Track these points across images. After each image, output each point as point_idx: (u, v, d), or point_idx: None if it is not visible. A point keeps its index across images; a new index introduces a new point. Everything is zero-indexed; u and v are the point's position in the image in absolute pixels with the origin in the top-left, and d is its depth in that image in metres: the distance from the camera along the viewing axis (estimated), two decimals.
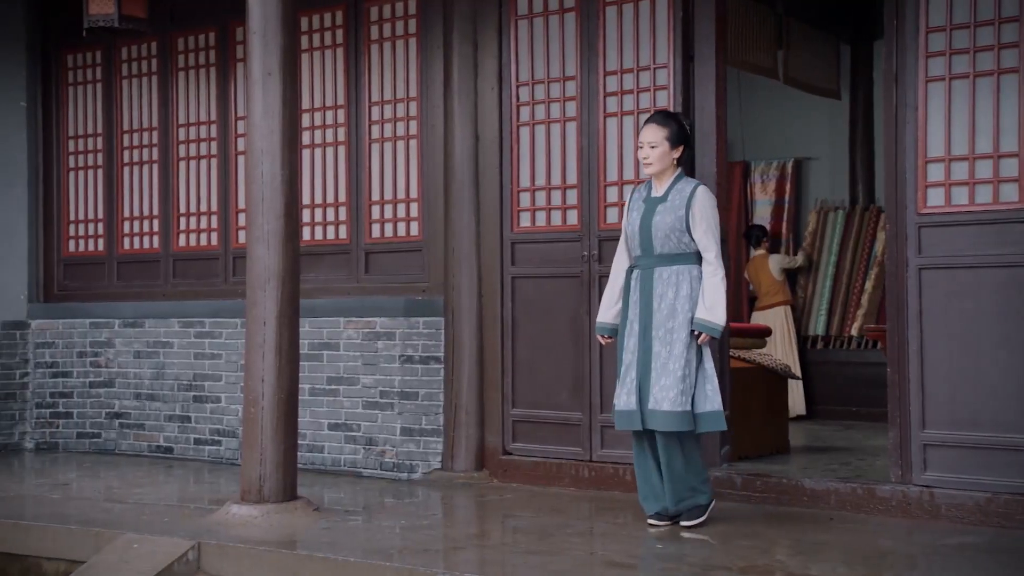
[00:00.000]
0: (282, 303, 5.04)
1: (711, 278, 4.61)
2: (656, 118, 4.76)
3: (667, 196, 4.68)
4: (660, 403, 4.55)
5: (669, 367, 4.57)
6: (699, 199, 4.64)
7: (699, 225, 4.62)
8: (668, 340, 4.60)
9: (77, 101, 7.63)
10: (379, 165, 6.50)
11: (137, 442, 7.16)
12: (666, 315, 4.61)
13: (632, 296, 4.72)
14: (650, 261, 4.68)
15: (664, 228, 4.63)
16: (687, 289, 4.62)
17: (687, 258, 4.65)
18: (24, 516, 5.17)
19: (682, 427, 4.55)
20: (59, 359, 7.43)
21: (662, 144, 4.68)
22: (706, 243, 4.62)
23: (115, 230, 7.49)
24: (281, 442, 5.03)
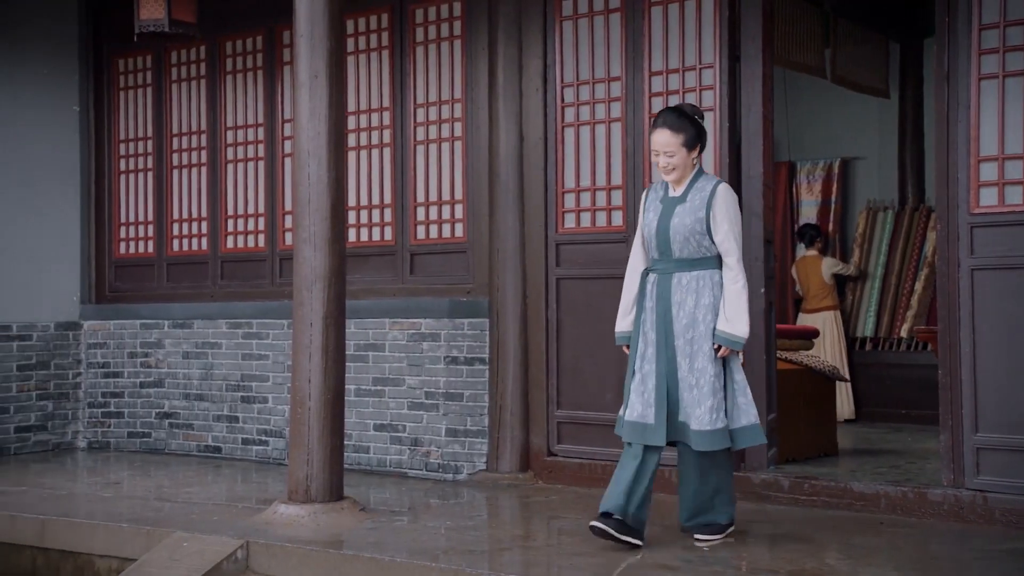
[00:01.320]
0: (328, 304, 5.08)
1: (732, 285, 4.32)
2: (668, 122, 4.39)
3: (686, 196, 4.39)
4: (689, 419, 4.32)
5: (691, 381, 4.32)
6: (720, 199, 4.34)
7: (720, 227, 4.33)
8: (688, 352, 4.32)
9: (128, 105, 7.74)
10: (424, 167, 6.53)
11: (186, 442, 7.25)
12: (686, 325, 4.34)
13: (648, 302, 4.42)
14: (669, 265, 4.40)
15: (683, 231, 4.34)
16: (708, 297, 4.34)
17: (708, 263, 4.37)
18: (77, 514, 5.25)
19: (718, 445, 4.30)
20: (110, 359, 7.54)
21: (679, 151, 4.37)
22: (727, 246, 4.33)
23: (164, 232, 7.59)
24: (328, 442, 5.06)
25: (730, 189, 4.42)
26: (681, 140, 4.36)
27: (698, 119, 4.44)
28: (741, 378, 4.39)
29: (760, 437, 4.40)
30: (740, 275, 4.34)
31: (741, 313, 4.30)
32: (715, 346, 4.31)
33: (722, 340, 4.30)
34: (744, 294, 4.33)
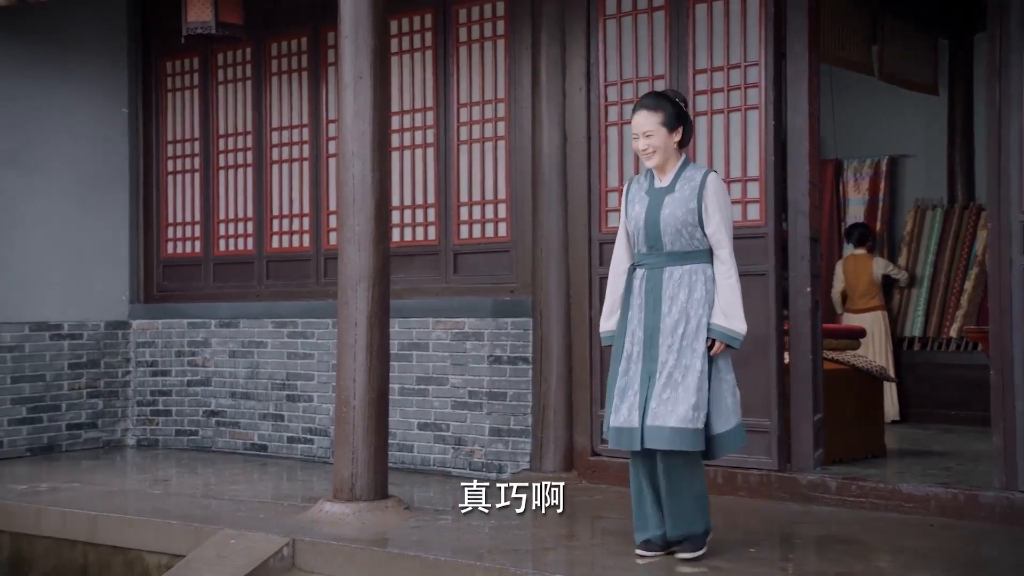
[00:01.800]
0: (373, 304, 5.11)
1: (725, 280, 4.09)
2: (646, 102, 4.21)
3: (674, 186, 4.15)
4: (665, 418, 4.01)
5: (676, 378, 4.04)
6: (711, 189, 4.11)
7: (712, 218, 4.09)
8: (677, 348, 4.06)
9: (175, 107, 7.84)
10: (467, 166, 6.54)
11: (232, 440, 7.32)
12: (676, 320, 4.09)
13: (635, 299, 4.18)
14: (659, 260, 4.15)
15: (674, 223, 4.11)
16: (701, 291, 4.10)
17: (700, 256, 4.14)
18: (127, 510, 5.33)
19: (691, 446, 4.02)
20: (158, 358, 7.64)
21: (658, 131, 4.14)
22: (719, 238, 4.10)
23: (211, 232, 7.67)
24: (372, 441, 5.09)
25: (720, 179, 4.22)
26: (659, 119, 4.14)
27: (679, 102, 4.21)
28: (732, 378, 4.16)
29: (742, 438, 4.18)
30: (733, 269, 4.12)
31: (737, 308, 4.09)
32: (708, 342, 4.08)
33: (719, 335, 4.07)
34: (738, 288, 4.11)
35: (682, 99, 4.24)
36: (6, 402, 7.01)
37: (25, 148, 7.16)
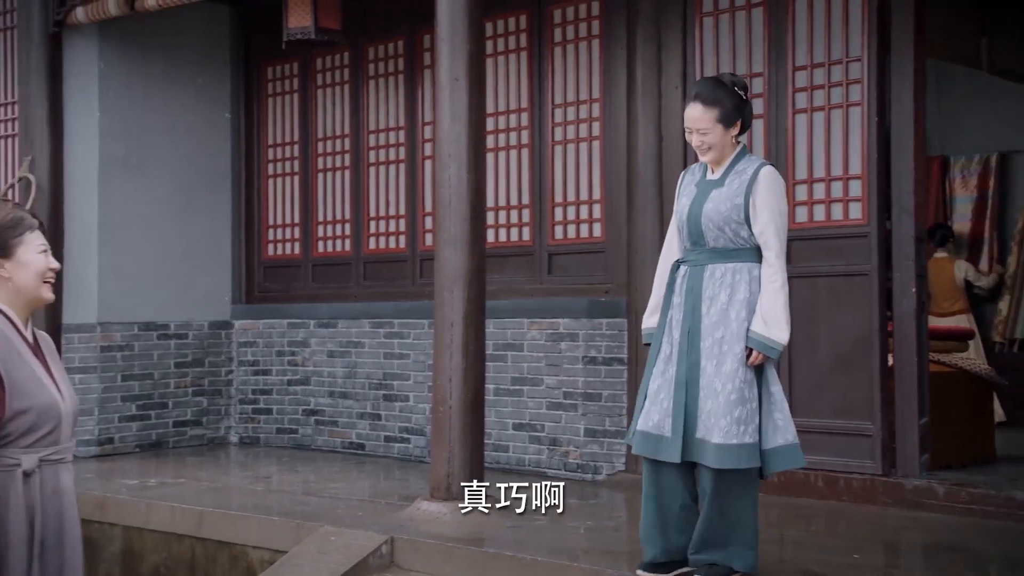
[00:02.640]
0: (468, 304, 5.13)
1: (770, 284, 3.73)
2: (701, 94, 3.83)
3: (724, 179, 3.84)
4: (709, 432, 3.66)
5: (716, 387, 3.69)
6: (763, 183, 3.77)
7: (760, 215, 3.74)
8: (716, 353, 3.72)
9: (276, 111, 8.00)
10: (562, 167, 6.54)
11: (331, 438, 7.44)
12: (716, 321, 3.75)
13: (675, 297, 3.87)
14: (701, 256, 3.83)
15: (717, 218, 3.78)
16: (744, 292, 3.75)
17: (747, 254, 3.79)
18: (231, 506, 5.46)
19: (744, 463, 3.65)
20: (260, 357, 7.81)
21: (713, 128, 3.79)
22: (767, 238, 3.74)
23: (310, 234, 7.81)
24: (468, 441, 5.12)
25: (775, 173, 3.85)
26: (715, 115, 3.78)
27: (739, 91, 3.86)
28: (778, 390, 3.77)
29: (799, 460, 3.76)
30: (779, 272, 3.74)
31: (780, 316, 3.70)
32: (747, 350, 3.70)
33: (756, 344, 3.68)
34: (783, 294, 3.73)
35: (742, 86, 3.88)
36: (117, 399, 7.24)
37: (134, 153, 7.39)
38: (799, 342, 5.58)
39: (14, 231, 2.84)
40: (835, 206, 5.54)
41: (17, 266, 2.83)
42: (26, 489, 2.73)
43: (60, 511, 2.81)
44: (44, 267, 2.87)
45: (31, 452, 2.75)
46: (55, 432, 2.80)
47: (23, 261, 2.84)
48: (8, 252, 2.83)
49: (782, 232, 3.77)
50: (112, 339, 7.25)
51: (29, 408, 2.73)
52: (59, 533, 2.81)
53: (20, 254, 2.84)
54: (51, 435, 2.79)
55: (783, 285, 3.73)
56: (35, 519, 2.75)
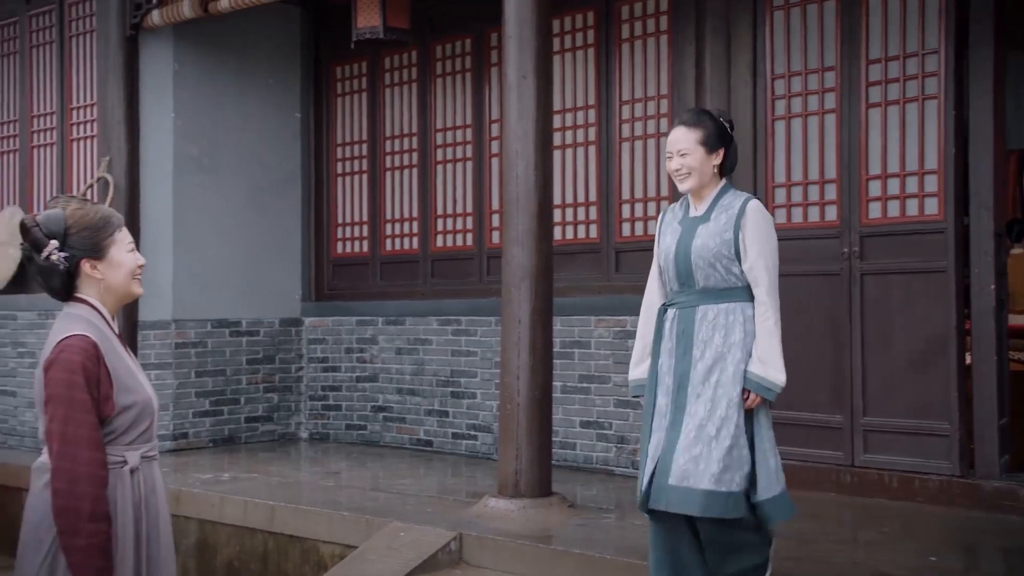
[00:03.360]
0: (536, 302, 5.14)
1: (763, 322, 3.56)
2: (684, 118, 3.74)
3: (709, 215, 3.66)
4: (696, 479, 3.45)
5: (709, 431, 3.48)
6: (751, 217, 3.59)
7: (750, 250, 3.57)
8: (710, 397, 3.53)
9: (344, 110, 8.08)
10: (629, 164, 6.50)
11: (399, 435, 7.51)
12: (710, 366, 3.56)
13: (666, 343, 3.66)
14: (691, 298, 3.65)
15: (707, 254, 3.60)
16: (739, 333, 3.57)
17: (738, 294, 3.61)
18: (302, 501, 5.53)
19: (727, 513, 3.46)
20: (329, 354, 7.90)
21: (695, 150, 3.65)
22: (756, 274, 3.57)
23: (378, 232, 7.88)
24: (536, 438, 5.12)
25: (763, 207, 3.67)
26: (697, 137, 3.65)
27: (723, 121, 3.73)
28: (770, 437, 3.59)
29: (788, 509, 3.59)
30: (772, 310, 3.57)
31: (775, 355, 3.55)
32: (744, 394, 3.54)
33: (754, 386, 3.52)
34: (777, 332, 3.57)
35: (727, 119, 3.76)
36: (191, 395, 7.38)
37: (207, 153, 7.53)
38: (873, 340, 5.49)
39: (105, 231, 2.81)
40: (910, 201, 5.44)
41: (109, 267, 2.81)
42: (132, 486, 2.75)
43: (157, 508, 2.84)
44: (134, 265, 2.86)
45: (133, 449, 2.77)
46: (151, 428, 2.83)
47: (115, 262, 2.81)
48: (101, 253, 2.80)
49: (772, 268, 3.61)
50: (186, 336, 7.39)
51: (133, 404, 2.75)
52: (157, 530, 2.83)
53: (112, 255, 2.81)
54: (148, 431, 2.82)
55: (776, 323, 3.57)
56: (140, 516, 2.78)
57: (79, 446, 2.63)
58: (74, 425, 2.64)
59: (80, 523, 2.62)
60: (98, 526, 2.63)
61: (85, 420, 2.64)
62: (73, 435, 2.64)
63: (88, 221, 2.79)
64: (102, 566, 2.64)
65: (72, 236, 2.76)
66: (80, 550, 2.62)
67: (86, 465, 2.63)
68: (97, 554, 2.63)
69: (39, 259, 2.75)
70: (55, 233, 2.74)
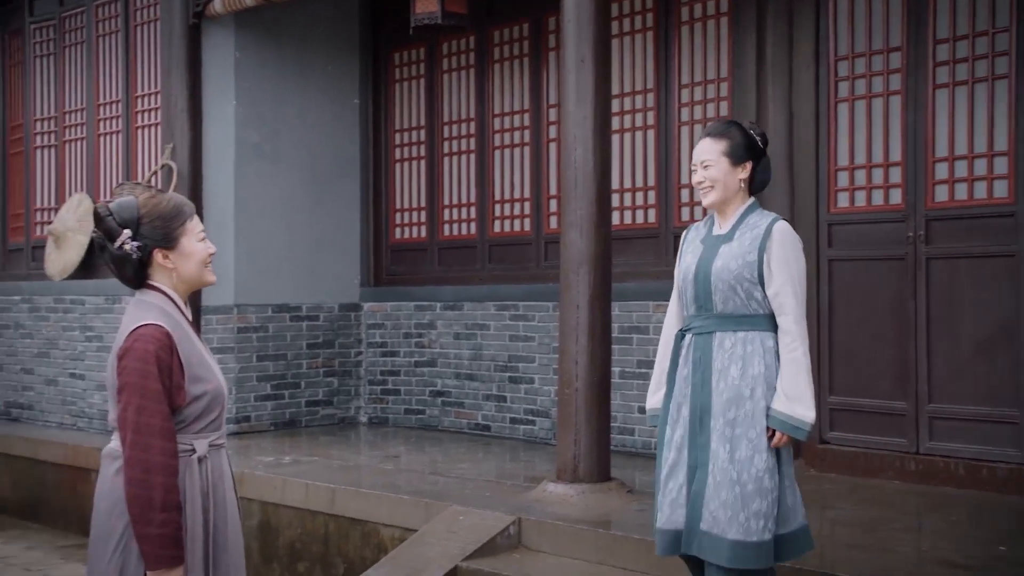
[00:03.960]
0: (594, 287, 5.12)
1: (789, 354, 3.29)
2: (711, 128, 3.51)
3: (733, 234, 3.40)
4: (724, 527, 3.24)
5: (732, 475, 3.25)
6: (777, 239, 3.33)
7: (775, 276, 3.31)
8: (728, 436, 3.28)
9: (402, 96, 8.11)
10: (689, 148, 6.44)
11: (457, 419, 7.54)
12: (728, 400, 3.30)
13: (681, 370, 3.43)
14: (708, 323, 3.39)
15: (728, 276, 3.34)
16: (759, 366, 3.30)
17: (760, 321, 3.35)
18: (362, 484, 5.58)
19: (764, 562, 3.25)
20: (388, 339, 7.96)
21: (719, 162, 3.40)
22: (782, 300, 3.30)
23: (436, 218, 7.91)
24: (595, 424, 5.11)
25: (791, 229, 3.40)
26: (723, 148, 3.41)
27: (753, 133, 3.46)
28: (790, 472, 3.36)
29: (810, 542, 3.38)
30: (800, 340, 3.30)
31: (804, 390, 3.26)
32: (768, 432, 3.28)
33: (779, 424, 3.25)
34: (806, 365, 3.29)
35: (759, 132, 3.49)
36: (252, 379, 7.49)
37: (267, 140, 7.61)
38: (938, 326, 5.39)
39: (177, 220, 2.80)
40: (978, 184, 5.32)
41: (181, 256, 2.81)
42: (200, 474, 2.78)
43: (224, 495, 2.87)
44: (205, 254, 2.85)
45: (202, 437, 2.79)
46: (220, 416, 2.84)
47: (187, 251, 2.81)
48: (172, 243, 2.79)
49: (800, 295, 3.33)
50: (248, 321, 7.49)
51: (204, 393, 2.77)
52: (225, 517, 2.85)
53: (184, 244, 2.80)
54: (217, 419, 2.83)
55: (804, 354, 3.29)
56: (208, 503, 2.81)
57: (152, 435, 2.67)
58: (147, 415, 2.67)
59: (152, 512, 2.66)
60: (169, 515, 2.67)
61: (158, 410, 2.67)
62: (146, 425, 2.67)
63: (160, 210, 2.79)
64: (174, 555, 2.68)
65: (144, 225, 2.76)
66: (152, 539, 2.66)
67: (159, 455, 2.67)
68: (169, 543, 2.66)
69: (112, 248, 2.76)
70: (128, 222, 2.75)
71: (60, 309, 8.11)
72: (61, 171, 8.61)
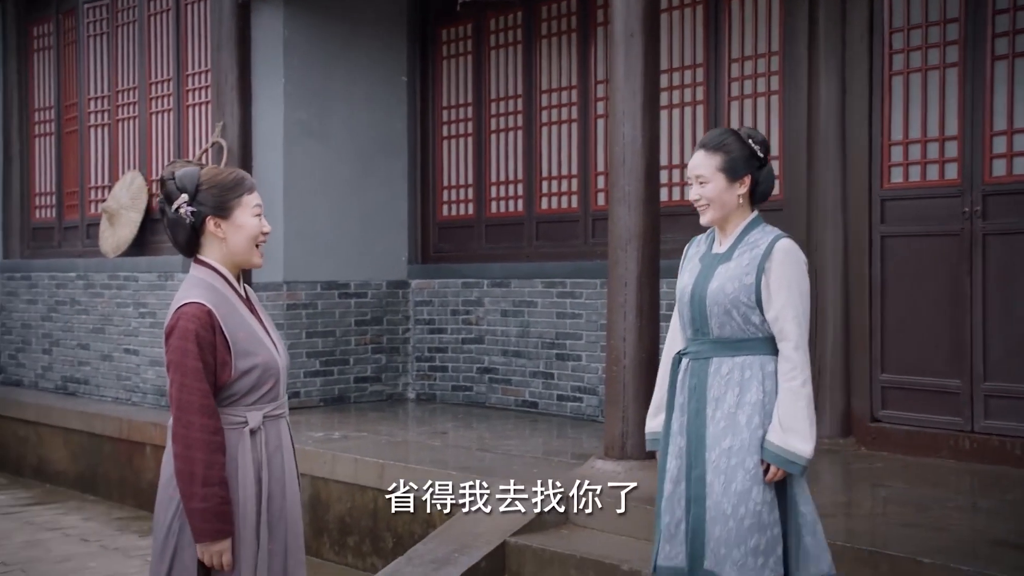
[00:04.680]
0: (643, 264, 5.09)
1: (788, 382, 3.06)
2: (706, 139, 3.23)
3: (732, 253, 3.16)
4: (720, 564, 3.05)
5: (724, 509, 3.05)
6: (778, 259, 3.08)
7: (775, 299, 3.07)
8: (724, 467, 3.07)
9: (450, 73, 8.10)
10: (739, 123, 6.37)
11: (505, 396, 7.56)
12: (723, 428, 3.10)
13: (679, 397, 3.22)
14: (704, 348, 3.17)
15: (724, 300, 3.11)
16: (757, 393, 3.09)
17: (759, 346, 3.12)
18: (410, 460, 5.63)
19: None
20: (435, 316, 7.99)
21: (715, 178, 3.14)
22: (783, 325, 3.07)
23: (483, 195, 7.90)
24: (642, 401, 5.06)
25: (795, 247, 3.14)
26: (717, 163, 3.14)
27: (752, 143, 3.18)
28: (809, 511, 3.10)
29: None
30: (800, 369, 3.06)
31: (802, 422, 3.03)
32: (763, 464, 3.06)
33: (772, 458, 3.03)
34: (806, 394, 3.05)
35: (759, 139, 3.20)
36: (302, 355, 7.56)
37: (316, 118, 7.64)
38: (995, 303, 5.30)
39: (234, 192, 2.85)
40: None
41: (232, 227, 2.85)
42: (253, 446, 2.82)
43: (282, 465, 2.90)
44: (257, 230, 2.88)
45: (255, 409, 2.83)
46: (275, 388, 2.88)
47: (238, 223, 2.85)
48: (226, 213, 2.84)
49: (803, 319, 3.09)
50: (297, 298, 7.55)
51: (253, 367, 2.80)
52: (282, 487, 2.89)
53: (237, 216, 2.84)
54: (272, 391, 2.87)
55: (804, 383, 3.05)
56: (262, 475, 2.84)
57: (192, 412, 2.72)
58: (187, 392, 2.72)
59: (194, 487, 2.71)
60: (211, 490, 2.71)
61: (197, 387, 2.72)
62: (187, 402, 2.72)
63: (220, 180, 2.85)
64: (219, 528, 2.73)
65: (202, 192, 2.82)
66: (196, 512, 2.72)
67: (199, 431, 2.71)
68: (212, 517, 2.71)
69: (169, 211, 2.84)
70: (187, 188, 2.82)
71: (114, 286, 8.24)
72: (114, 149, 8.72)
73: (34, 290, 9.12)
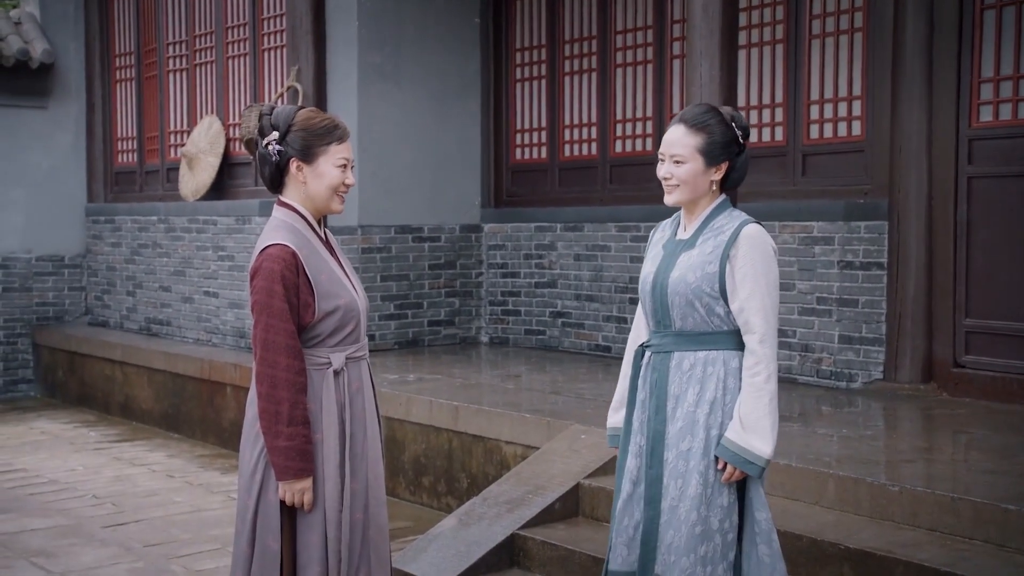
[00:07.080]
0: None
1: (752, 378, 2.85)
2: (687, 115, 2.97)
3: (696, 240, 2.94)
4: (669, 571, 2.88)
5: (680, 514, 2.87)
6: (744, 246, 2.86)
7: (740, 289, 2.86)
8: (681, 470, 2.88)
9: (523, 15, 8.01)
10: (819, 62, 6.20)
11: (577, 340, 7.56)
12: (682, 429, 2.90)
13: (639, 392, 3.00)
14: (666, 341, 2.95)
15: (684, 291, 2.89)
16: (717, 390, 2.89)
17: (723, 340, 2.91)
18: (484, 403, 5.67)
19: None
20: (508, 260, 8.00)
21: (692, 159, 2.92)
22: (748, 317, 2.86)
23: (557, 138, 7.85)
24: None
25: (763, 233, 2.91)
26: (698, 144, 2.92)
27: (735, 126, 2.96)
28: (764, 518, 2.89)
29: None
30: (764, 364, 2.84)
31: (764, 420, 2.82)
32: (720, 464, 2.87)
33: (729, 456, 2.83)
34: (769, 391, 2.84)
35: (742, 124, 2.98)
36: (376, 299, 7.64)
37: (390, 61, 7.63)
38: None
39: (321, 139, 2.88)
40: None
41: (313, 173, 2.88)
42: (336, 387, 2.87)
43: (363, 406, 2.96)
44: (339, 182, 2.90)
45: (338, 351, 2.88)
46: (356, 330, 2.93)
47: (320, 171, 2.88)
48: (310, 158, 2.87)
49: (770, 311, 2.86)
50: (371, 242, 7.61)
51: (336, 308, 2.85)
52: (364, 427, 2.94)
53: (320, 163, 2.87)
54: (353, 333, 2.92)
55: (768, 379, 2.83)
56: (344, 415, 2.90)
57: (278, 352, 2.76)
58: (273, 332, 2.77)
59: (279, 426, 2.76)
60: (295, 429, 2.77)
61: (283, 328, 2.76)
62: (273, 342, 2.77)
63: (311, 124, 2.90)
64: (300, 467, 2.79)
65: (292, 133, 2.87)
66: (279, 451, 2.78)
67: (284, 371, 2.76)
68: (294, 455, 2.77)
69: (261, 145, 2.90)
70: (278, 126, 2.87)
71: (194, 229, 8.39)
72: (192, 94, 8.83)
73: (118, 233, 9.34)
